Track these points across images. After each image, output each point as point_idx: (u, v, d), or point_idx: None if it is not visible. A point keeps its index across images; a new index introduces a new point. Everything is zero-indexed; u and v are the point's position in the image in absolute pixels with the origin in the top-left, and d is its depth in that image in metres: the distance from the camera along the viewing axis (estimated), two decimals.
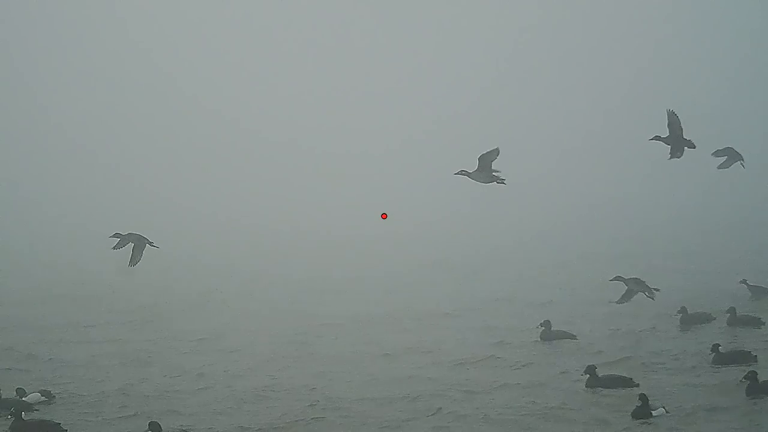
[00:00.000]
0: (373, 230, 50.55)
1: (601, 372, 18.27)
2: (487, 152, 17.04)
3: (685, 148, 17.96)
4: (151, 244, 20.33)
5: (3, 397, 18.24)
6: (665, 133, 17.75)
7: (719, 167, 21.13)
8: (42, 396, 18.96)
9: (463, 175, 17.23)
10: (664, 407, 16.44)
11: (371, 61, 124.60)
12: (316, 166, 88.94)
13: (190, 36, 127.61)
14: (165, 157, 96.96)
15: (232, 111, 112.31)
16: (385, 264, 39.85)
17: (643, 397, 16.27)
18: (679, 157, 18.02)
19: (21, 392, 18.71)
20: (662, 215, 60.38)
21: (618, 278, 22.55)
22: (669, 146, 17.95)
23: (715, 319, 24.32)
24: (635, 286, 22.37)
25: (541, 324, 22.51)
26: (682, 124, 17.71)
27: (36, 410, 18.01)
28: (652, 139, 17.92)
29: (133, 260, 20.32)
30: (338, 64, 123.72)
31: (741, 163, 20.77)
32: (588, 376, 18.04)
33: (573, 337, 22.51)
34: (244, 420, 17.29)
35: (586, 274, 34.48)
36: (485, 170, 17.13)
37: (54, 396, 19.13)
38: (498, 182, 17.28)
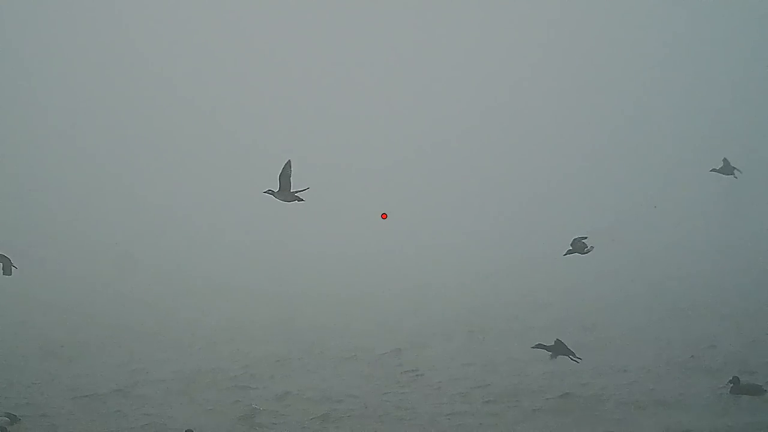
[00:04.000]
0: None
1: None
2: (282, 169, 16.28)
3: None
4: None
5: None
6: None
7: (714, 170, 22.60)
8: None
9: (270, 194, 16.54)
10: None
11: (373, 68, 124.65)
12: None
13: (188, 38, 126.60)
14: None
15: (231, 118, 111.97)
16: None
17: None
18: None
19: None
20: None
21: (539, 346, 19.17)
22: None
23: None
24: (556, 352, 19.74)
25: (729, 381, 20.27)
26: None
27: None
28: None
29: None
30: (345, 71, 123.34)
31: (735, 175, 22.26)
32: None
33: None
34: None
35: None
36: (285, 189, 16.44)
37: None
38: (298, 201, 16.63)
